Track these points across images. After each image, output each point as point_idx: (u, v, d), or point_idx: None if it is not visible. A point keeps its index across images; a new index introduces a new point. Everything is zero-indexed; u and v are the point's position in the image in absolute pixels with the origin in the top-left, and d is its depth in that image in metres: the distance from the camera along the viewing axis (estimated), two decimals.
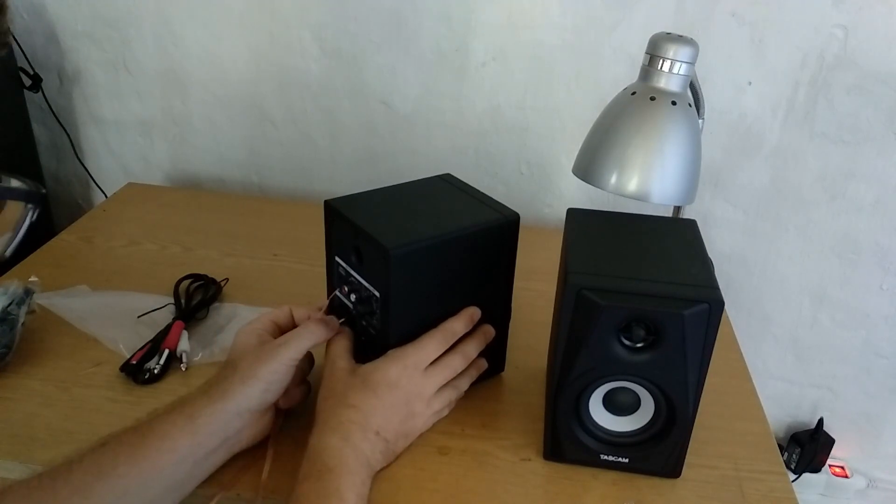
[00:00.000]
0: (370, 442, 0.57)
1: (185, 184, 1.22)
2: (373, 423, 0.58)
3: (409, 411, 0.61)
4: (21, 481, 0.49)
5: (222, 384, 0.56)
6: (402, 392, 0.60)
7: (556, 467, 0.63)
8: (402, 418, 0.60)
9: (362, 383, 0.59)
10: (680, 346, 0.54)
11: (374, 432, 0.57)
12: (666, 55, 0.65)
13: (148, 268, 0.90)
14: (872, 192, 1.02)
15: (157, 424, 0.53)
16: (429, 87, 1.08)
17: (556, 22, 1.00)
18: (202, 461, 0.55)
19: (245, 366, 0.57)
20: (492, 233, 0.64)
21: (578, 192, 1.11)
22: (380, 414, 0.58)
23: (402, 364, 0.60)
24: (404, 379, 0.60)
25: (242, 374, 0.57)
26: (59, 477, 0.49)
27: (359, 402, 0.58)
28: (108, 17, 1.10)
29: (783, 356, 1.16)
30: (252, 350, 0.59)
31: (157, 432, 0.53)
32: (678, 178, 0.66)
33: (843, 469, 1.23)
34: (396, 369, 0.60)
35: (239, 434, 0.58)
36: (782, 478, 0.63)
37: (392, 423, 0.59)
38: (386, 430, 0.58)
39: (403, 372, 0.60)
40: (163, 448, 0.52)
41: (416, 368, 0.61)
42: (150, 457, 0.52)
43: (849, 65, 0.95)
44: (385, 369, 0.60)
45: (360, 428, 0.57)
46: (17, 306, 0.70)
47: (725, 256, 1.10)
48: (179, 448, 0.53)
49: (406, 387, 0.60)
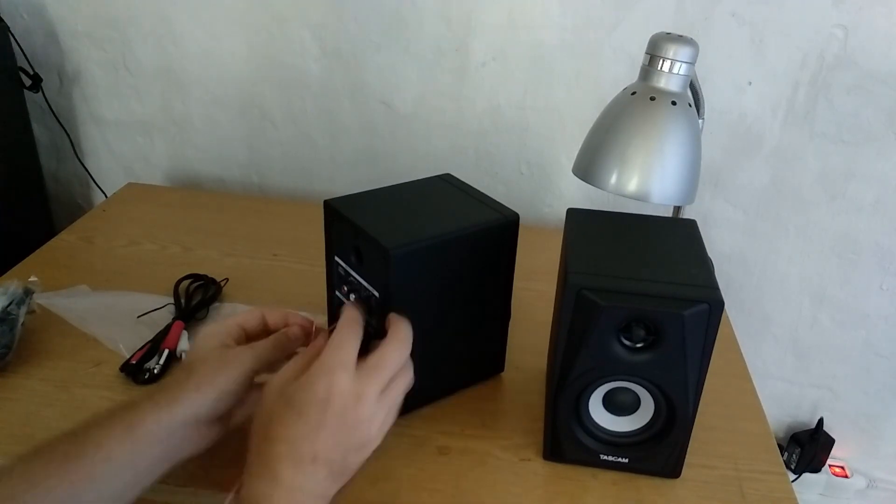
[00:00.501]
0: (306, 474, 0.49)
1: (185, 184, 1.22)
2: (305, 452, 0.49)
3: (353, 422, 0.51)
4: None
5: (173, 390, 0.53)
6: (336, 405, 0.50)
7: (556, 467, 0.63)
8: (345, 434, 0.51)
9: (286, 407, 0.50)
10: (680, 346, 0.54)
11: (310, 461, 0.49)
12: (666, 55, 0.65)
13: (148, 268, 0.90)
14: (872, 192, 1.02)
15: (93, 432, 0.50)
16: (429, 87, 1.08)
17: (556, 22, 1.00)
18: (142, 472, 0.51)
19: (202, 372, 0.54)
20: (492, 233, 0.64)
21: (578, 192, 1.11)
22: (311, 439, 0.49)
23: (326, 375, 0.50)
24: (335, 390, 0.50)
25: (198, 380, 0.53)
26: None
27: (283, 434, 0.49)
28: (108, 17, 1.10)
29: (783, 356, 1.16)
30: (212, 355, 0.55)
31: (92, 440, 0.49)
32: (678, 178, 0.66)
33: (843, 469, 1.23)
34: (322, 383, 0.50)
35: (183, 443, 0.53)
36: (782, 478, 0.63)
37: (332, 442, 0.50)
38: (326, 452, 0.50)
39: (332, 383, 0.50)
40: (98, 458, 0.49)
41: (343, 372, 0.51)
42: (83, 467, 0.48)
43: (849, 65, 0.95)
44: (308, 387, 0.50)
45: (289, 463, 0.49)
46: (17, 306, 0.70)
47: (725, 256, 1.10)
48: (116, 458, 0.49)
49: (338, 398, 0.50)
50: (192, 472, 0.60)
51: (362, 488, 0.59)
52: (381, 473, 0.60)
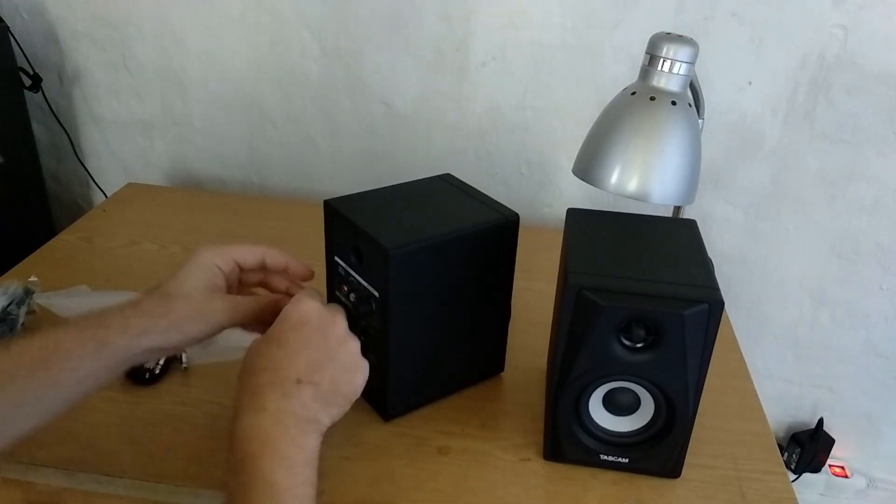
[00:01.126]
0: (291, 396, 0.50)
1: (185, 184, 1.22)
2: (288, 374, 0.50)
3: (334, 342, 0.53)
4: None
5: (145, 319, 0.53)
6: (312, 326, 0.53)
7: (556, 467, 0.63)
8: (327, 353, 0.52)
9: (267, 343, 0.53)
10: (680, 346, 0.54)
11: (294, 382, 0.50)
12: (666, 55, 0.65)
13: (148, 268, 0.90)
14: (872, 192, 1.02)
15: (64, 340, 0.51)
16: (429, 87, 1.08)
17: (556, 22, 1.00)
18: (103, 382, 0.53)
19: (178, 314, 0.54)
20: (492, 233, 0.64)
21: (578, 192, 1.11)
22: (293, 361, 0.51)
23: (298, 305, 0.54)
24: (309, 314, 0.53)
25: (171, 321, 0.53)
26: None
27: (266, 363, 0.51)
28: (108, 17, 1.10)
29: (783, 356, 1.16)
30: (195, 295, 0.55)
31: (62, 349, 0.51)
32: (678, 178, 0.66)
33: (843, 469, 1.22)
34: (297, 311, 0.53)
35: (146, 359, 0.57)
36: (782, 478, 0.63)
37: (315, 362, 0.52)
38: (309, 374, 0.51)
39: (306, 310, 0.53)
40: (66, 367, 0.50)
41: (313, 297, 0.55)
42: (51, 373, 0.50)
43: (849, 65, 0.95)
44: (285, 318, 0.53)
45: (273, 387, 0.50)
46: (17, 306, 0.70)
47: (725, 256, 1.10)
48: (82, 369, 0.51)
49: (314, 321, 0.53)
50: (192, 472, 0.60)
51: (362, 488, 0.59)
52: (381, 473, 0.60)
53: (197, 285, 0.57)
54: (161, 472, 0.59)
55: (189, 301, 0.55)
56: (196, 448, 0.62)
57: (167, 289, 0.56)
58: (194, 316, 0.55)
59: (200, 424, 0.56)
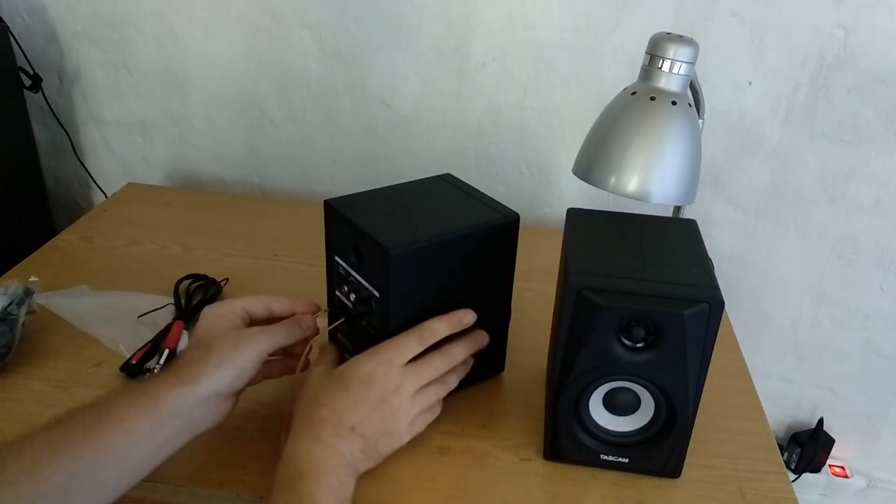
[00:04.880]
0: (345, 439, 0.55)
1: (185, 184, 1.22)
2: (346, 419, 0.56)
3: (389, 408, 0.58)
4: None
5: (194, 366, 0.55)
6: (377, 388, 0.58)
7: (556, 467, 0.63)
8: (381, 415, 0.58)
9: (335, 382, 0.58)
10: (680, 346, 0.54)
11: (349, 429, 0.56)
12: (666, 55, 0.65)
13: (148, 268, 0.90)
14: (872, 192, 1.02)
15: (115, 404, 0.52)
16: (429, 88, 1.08)
17: (556, 22, 1.00)
18: (162, 444, 0.53)
19: (221, 349, 0.56)
20: (492, 233, 0.64)
21: (578, 192, 1.11)
22: (353, 410, 0.57)
23: (375, 360, 0.59)
24: (378, 374, 0.58)
25: (218, 357, 0.55)
26: (9, 454, 0.47)
27: (330, 401, 0.57)
28: (108, 17, 1.10)
29: (783, 356, 1.16)
30: (228, 334, 0.58)
31: (115, 413, 0.51)
32: (678, 178, 0.66)
33: (843, 469, 1.22)
34: (369, 365, 0.58)
35: (202, 417, 0.56)
36: (782, 478, 0.63)
37: (369, 419, 0.57)
38: (362, 426, 0.57)
39: (377, 367, 0.58)
40: (119, 429, 0.50)
41: (390, 364, 0.59)
42: (105, 437, 0.50)
43: (849, 65, 0.95)
44: (357, 366, 0.59)
45: (332, 426, 0.55)
46: (17, 306, 0.70)
47: (725, 256, 1.10)
48: (138, 430, 0.51)
49: (380, 382, 0.58)
50: (192, 472, 0.60)
51: (362, 488, 0.59)
52: (381, 473, 0.60)
53: (224, 325, 0.59)
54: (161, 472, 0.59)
55: (225, 337, 0.58)
56: (196, 448, 0.62)
57: (196, 341, 0.58)
58: (237, 346, 0.57)
59: None
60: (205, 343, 0.57)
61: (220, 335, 0.58)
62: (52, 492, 0.47)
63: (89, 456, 0.49)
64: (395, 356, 0.59)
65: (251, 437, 0.64)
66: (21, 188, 1.14)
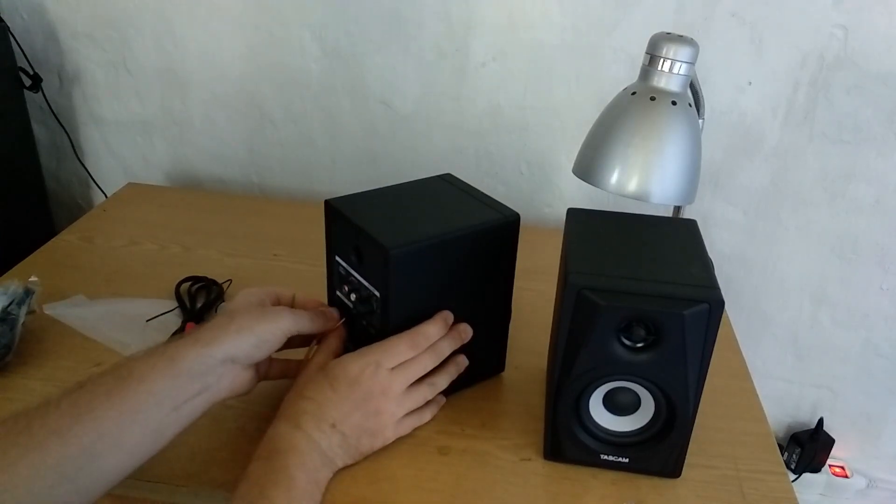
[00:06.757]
0: (324, 433, 0.57)
1: (185, 184, 1.22)
2: (328, 415, 0.57)
3: (374, 408, 0.59)
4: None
5: (214, 331, 0.56)
6: (363, 388, 0.59)
7: (556, 467, 0.63)
8: (364, 415, 0.59)
9: (323, 377, 0.59)
10: (680, 346, 0.54)
11: (330, 424, 0.57)
12: (666, 55, 0.65)
13: (148, 268, 0.90)
14: (872, 192, 1.02)
15: (136, 366, 0.52)
16: (429, 87, 1.08)
17: (556, 22, 1.00)
18: (181, 406, 0.54)
19: (243, 319, 0.57)
20: (492, 233, 0.64)
21: (578, 192, 1.11)
22: (335, 407, 0.58)
23: (364, 361, 0.59)
24: (366, 375, 0.59)
25: (239, 324, 0.57)
26: (35, 418, 0.48)
27: (314, 395, 0.58)
28: (108, 17, 1.10)
29: (783, 356, 1.16)
30: (254, 308, 0.60)
31: (135, 374, 0.52)
32: (678, 178, 0.66)
33: (843, 469, 1.22)
34: (358, 366, 0.59)
35: (219, 383, 0.56)
36: (782, 478, 0.63)
37: (351, 417, 0.58)
38: (343, 423, 0.58)
39: (365, 369, 0.59)
40: (140, 390, 0.51)
41: (378, 366, 0.59)
42: (127, 398, 0.51)
43: (849, 65, 0.95)
44: (346, 364, 0.59)
45: (313, 418, 0.57)
46: (17, 306, 0.70)
47: (725, 256, 1.10)
48: (158, 390, 0.52)
49: (367, 383, 0.59)
50: (192, 472, 0.60)
51: (362, 488, 0.59)
52: (381, 473, 0.60)
53: (252, 301, 0.62)
54: (161, 472, 0.59)
55: (250, 310, 0.60)
56: (196, 448, 0.62)
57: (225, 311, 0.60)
58: (259, 317, 0.58)
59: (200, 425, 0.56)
60: (228, 314, 0.59)
61: (246, 308, 0.60)
62: (79, 453, 0.48)
63: (114, 416, 0.50)
64: (384, 359, 0.60)
65: (251, 437, 0.64)
66: (21, 188, 1.14)
